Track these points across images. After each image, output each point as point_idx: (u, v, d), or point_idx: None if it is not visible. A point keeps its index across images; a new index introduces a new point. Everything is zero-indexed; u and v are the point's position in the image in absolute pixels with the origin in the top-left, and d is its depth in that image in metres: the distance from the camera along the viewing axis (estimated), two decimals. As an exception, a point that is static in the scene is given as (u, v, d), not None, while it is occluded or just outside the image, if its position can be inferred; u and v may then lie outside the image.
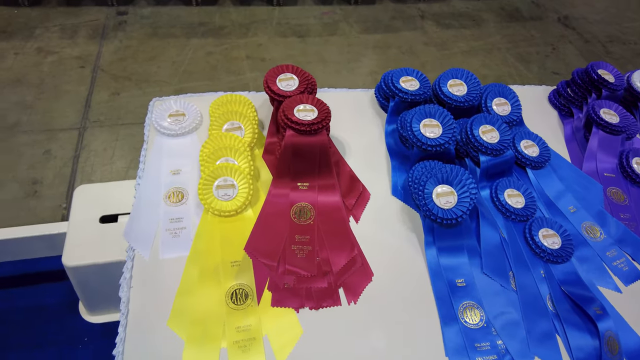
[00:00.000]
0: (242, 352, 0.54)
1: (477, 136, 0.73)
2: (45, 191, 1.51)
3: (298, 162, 0.69)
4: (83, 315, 1.25)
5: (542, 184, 0.77)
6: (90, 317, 1.25)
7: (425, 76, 0.82)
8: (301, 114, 0.68)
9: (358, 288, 0.61)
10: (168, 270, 0.60)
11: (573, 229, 0.72)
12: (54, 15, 2.20)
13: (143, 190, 0.68)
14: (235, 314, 0.57)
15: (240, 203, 0.66)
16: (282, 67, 0.77)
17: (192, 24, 2.25)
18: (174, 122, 0.77)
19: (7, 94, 1.80)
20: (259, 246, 0.63)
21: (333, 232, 0.66)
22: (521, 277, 0.65)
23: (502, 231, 0.70)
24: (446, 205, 0.65)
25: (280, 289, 0.60)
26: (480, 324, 0.60)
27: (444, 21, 2.53)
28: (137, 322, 0.56)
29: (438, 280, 0.62)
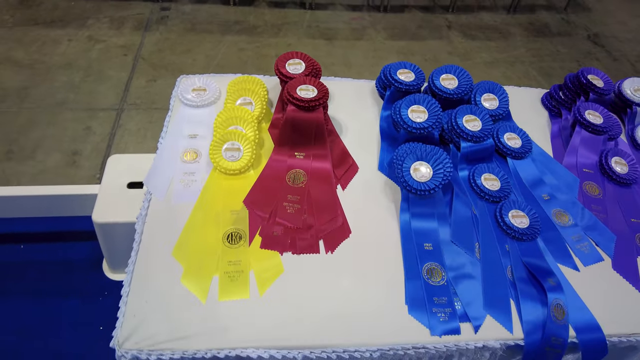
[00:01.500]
0: (231, 281, 0.64)
1: (460, 124, 0.82)
2: (83, 162, 1.67)
3: (296, 134, 0.79)
4: (105, 272, 1.39)
5: (520, 172, 0.84)
6: (111, 275, 1.39)
7: (421, 70, 0.91)
8: (302, 92, 0.79)
9: (336, 241, 0.70)
10: (177, 213, 0.71)
11: (543, 214, 0.79)
12: (105, 7, 2.40)
13: (164, 147, 0.80)
14: (229, 251, 0.67)
15: (243, 164, 0.77)
16: (292, 54, 0.88)
17: (228, 22, 2.41)
18: (196, 95, 0.89)
19: (58, 75, 1.99)
20: (256, 200, 0.73)
21: (321, 195, 0.75)
22: (486, 248, 0.72)
23: (474, 209, 0.77)
24: (421, 179, 0.73)
25: (269, 235, 0.70)
26: (441, 282, 0.67)
27: (470, 32, 2.59)
28: (146, 250, 0.67)
29: (407, 241, 0.71)
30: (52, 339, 1.24)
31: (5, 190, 1.26)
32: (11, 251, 1.41)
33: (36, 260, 1.40)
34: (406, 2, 2.77)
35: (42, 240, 1.45)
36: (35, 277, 1.36)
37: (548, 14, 2.87)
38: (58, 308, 1.30)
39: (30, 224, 1.47)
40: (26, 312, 1.28)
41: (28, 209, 1.30)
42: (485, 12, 2.78)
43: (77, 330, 1.27)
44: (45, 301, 1.31)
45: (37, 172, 1.62)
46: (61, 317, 1.29)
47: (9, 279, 1.35)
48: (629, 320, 0.68)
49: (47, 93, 1.91)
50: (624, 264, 0.74)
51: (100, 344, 1.24)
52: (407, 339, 0.62)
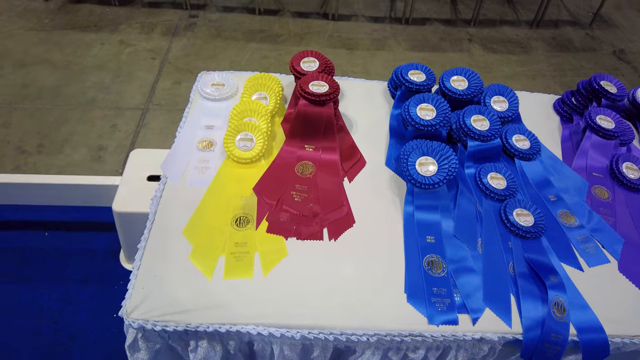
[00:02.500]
0: (236, 261, 0.67)
1: (468, 123, 0.83)
2: (107, 157, 1.75)
3: (307, 127, 0.82)
4: (122, 262, 1.44)
5: (528, 173, 0.84)
6: (127, 265, 1.43)
7: (431, 71, 0.93)
8: (314, 87, 0.82)
9: (340, 230, 0.72)
10: (190, 197, 0.75)
11: (549, 214, 0.79)
12: (137, 14, 2.52)
13: (182, 136, 0.84)
14: (236, 233, 0.70)
15: (255, 154, 0.80)
16: (307, 52, 0.92)
17: (253, 30, 2.49)
18: (215, 89, 0.93)
19: (90, 75, 2.10)
20: (265, 188, 0.76)
21: (327, 185, 0.78)
22: (489, 243, 0.73)
23: (478, 206, 0.78)
24: (427, 173, 0.75)
25: (275, 221, 0.72)
26: (441, 274, 0.68)
27: (491, 45, 2.60)
28: (159, 229, 0.70)
29: (410, 232, 0.72)
30: (69, 323, 1.29)
31: (33, 178, 1.33)
32: (36, 237, 1.48)
33: (58, 248, 1.46)
34: (428, 14, 2.80)
35: (65, 228, 1.52)
36: (56, 264, 1.42)
37: (572, 29, 2.85)
38: (76, 294, 1.36)
39: (55, 212, 1.54)
40: (45, 297, 1.34)
41: (53, 197, 1.37)
42: (507, 26, 2.78)
43: (93, 317, 1.32)
44: (64, 287, 1.36)
45: (65, 165, 1.70)
46: (78, 303, 1.34)
47: (32, 265, 1.41)
48: (633, 322, 0.67)
49: (79, 92, 2.01)
50: (630, 267, 0.73)
51: (114, 331, 1.29)
52: (404, 327, 0.63)
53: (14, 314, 1.30)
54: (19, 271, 1.39)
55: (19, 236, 1.49)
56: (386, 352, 0.65)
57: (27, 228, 1.51)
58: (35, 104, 1.93)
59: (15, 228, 1.51)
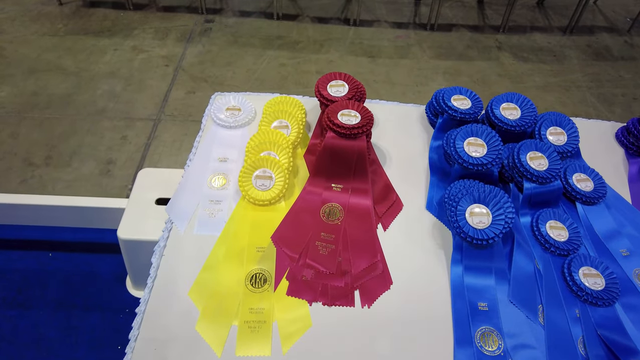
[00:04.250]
0: (251, 332, 0.56)
1: (524, 161, 0.71)
2: (116, 171, 1.66)
3: (335, 163, 0.71)
4: (129, 288, 1.35)
5: (592, 221, 0.72)
6: (134, 292, 1.34)
7: (478, 97, 0.81)
8: (344, 118, 0.71)
9: (374, 293, 0.61)
10: (198, 246, 0.64)
11: (622, 274, 0.67)
12: (151, 19, 2.44)
13: (191, 171, 0.74)
14: (252, 296, 0.59)
15: (274, 194, 0.69)
16: (335, 75, 0.80)
17: (271, 36, 2.39)
18: (230, 115, 0.83)
19: (101, 83, 2.02)
20: (285, 237, 0.65)
21: (359, 235, 0.66)
22: (552, 312, 0.60)
23: (537, 263, 0.66)
24: (479, 225, 0.63)
25: (297, 280, 0.61)
26: (497, 352, 0.57)
27: (522, 54, 2.45)
28: (162, 287, 0.60)
29: (459, 299, 0.60)
30: (69, 356, 1.21)
31: (36, 199, 1.25)
32: (39, 258, 1.40)
33: (62, 270, 1.38)
34: (454, 20, 2.66)
35: (70, 249, 1.43)
36: (59, 288, 1.34)
37: (609, 36, 2.68)
38: (78, 323, 1.27)
39: (60, 232, 1.46)
40: (46, 325, 1.26)
41: (57, 218, 1.29)
42: (538, 33, 2.63)
43: (95, 348, 1.23)
44: (66, 315, 1.28)
45: (72, 179, 1.62)
46: (80, 332, 1.25)
47: (33, 289, 1.33)
48: None
49: (89, 101, 1.93)
50: None
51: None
52: (454, 423, 0.51)
53: (12, 342, 1.22)
54: (20, 296, 1.32)
55: (22, 256, 1.42)
56: None
57: (31, 248, 1.44)
58: (44, 114, 1.86)
59: (19, 247, 1.43)
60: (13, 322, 1.26)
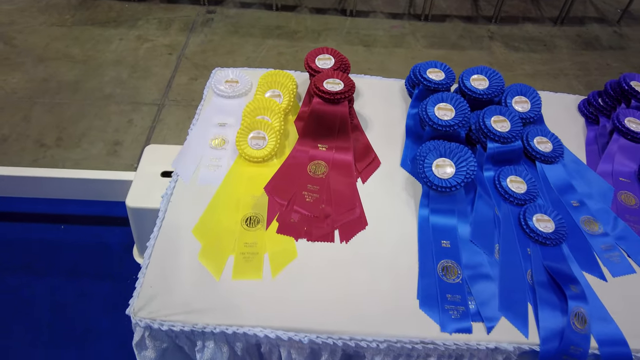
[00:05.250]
0: (245, 261, 0.66)
1: (488, 124, 0.80)
2: (123, 152, 1.76)
3: (320, 126, 0.80)
4: (135, 257, 1.45)
5: (549, 177, 0.81)
6: (140, 260, 1.44)
7: (451, 70, 0.90)
8: (329, 85, 0.80)
9: (352, 232, 0.70)
10: (200, 195, 0.74)
11: (571, 221, 0.76)
12: (155, 10, 2.53)
13: (194, 133, 0.83)
14: (246, 233, 0.69)
15: (267, 152, 0.79)
16: (323, 49, 0.90)
17: (270, 26, 2.48)
18: (229, 87, 0.92)
19: (108, 70, 2.12)
20: (276, 187, 0.75)
21: (340, 186, 0.76)
22: (506, 249, 0.70)
23: (497, 210, 0.75)
24: (443, 175, 0.72)
25: (286, 221, 0.71)
26: (456, 280, 0.66)
27: (513, 44, 2.53)
28: (168, 227, 0.70)
29: (424, 237, 0.70)
30: (83, 318, 1.31)
31: (49, 172, 1.34)
32: (52, 230, 1.50)
33: (74, 241, 1.48)
34: (448, 11, 2.74)
35: (80, 222, 1.53)
36: (72, 258, 1.44)
37: (599, 26, 2.75)
38: (90, 288, 1.37)
39: (71, 206, 1.56)
40: (61, 292, 1.36)
41: (68, 191, 1.38)
42: (530, 24, 2.70)
43: (106, 310, 1.33)
44: (79, 282, 1.38)
45: (81, 159, 1.72)
46: (92, 297, 1.35)
47: (48, 258, 1.43)
48: (659, 336, 0.64)
49: (97, 87, 2.03)
50: (658, 278, 0.69)
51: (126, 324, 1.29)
52: (415, 334, 0.61)
53: (30, 307, 1.32)
54: (36, 264, 1.41)
55: (36, 228, 1.52)
56: (396, 358, 0.63)
57: (45, 221, 1.54)
58: (55, 99, 1.96)
59: (33, 220, 1.53)
60: (31, 288, 1.36)
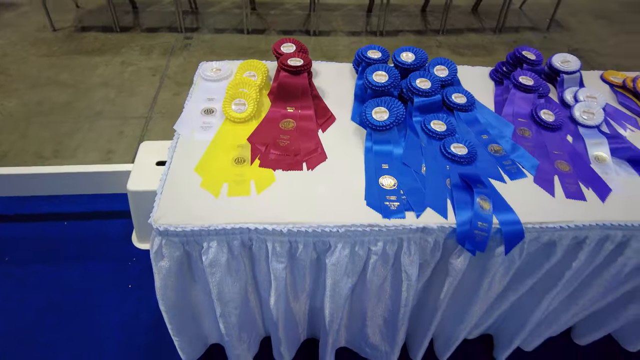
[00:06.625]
0: (237, 185, 0.87)
1: (414, 84, 1.05)
2: (116, 159, 1.95)
3: (287, 92, 1.04)
4: (134, 242, 1.63)
5: (465, 120, 1.06)
6: (139, 245, 1.62)
7: (386, 50, 1.17)
8: (292, 62, 1.05)
9: (315, 163, 0.93)
10: (197, 147, 0.96)
11: (481, 148, 1.01)
12: (136, 38, 2.79)
13: (189, 105, 1.06)
14: (236, 167, 0.91)
15: (247, 114, 1.02)
16: (286, 39, 1.15)
17: (242, 47, 2.76)
18: (214, 73, 1.16)
19: (96, 92, 2.33)
20: (257, 138, 0.97)
21: (305, 134, 0.99)
22: (430, 165, 0.94)
23: (423, 143, 0.99)
24: (380, 118, 0.97)
25: (266, 159, 0.93)
26: (393, 187, 0.89)
27: (459, 50, 2.88)
28: (175, 169, 0.91)
29: (369, 161, 0.93)
30: (90, 295, 1.47)
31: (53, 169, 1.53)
32: (55, 227, 1.67)
33: (76, 234, 1.65)
34: (400, 27, 3.10)
35: (81, 218, 1.71)
36: (75, 248, 1.60)
37: (532, 33, 3.15)
38: (94, 271, 1.53)
39: (71, 204, 1.73)
40: (66, 274, 1.51)
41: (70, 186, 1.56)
42: (473, 33, 3.08)
43: (111, 288, 1.49)
44: (84, 265, 1.54)
45: (79, 166, 1.90)
46: (97, 278, 1.51)
47: (53, 250, 1.59)
48: (541, 215, 0.87)
49: (88, 106, 2.23)
50: (542, 180, 0.94)
51: (130, 299, 1.46)
52: (366, 221, 0.83)
53: (39, 289, 1.47)
54: (42, 256, 1.57)
55: (41, 227, 1.68)
56: (353, 246, 0.85)
57: (47, 220, 1.70)
58: (49, 118, 2.15)
59: (37, 220, 1.70)
60: (38, 275, 1.51)
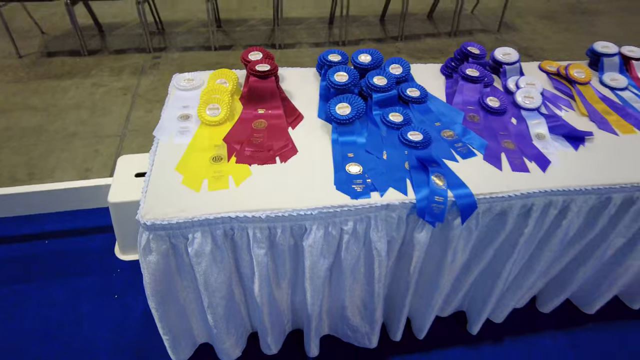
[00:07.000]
0: (215, 180, 0.95)
1: (372, 81, 1.17)
2: (93, 176, 1.99)
3: (257, 96, 1.13)
4: (117, 254, 1.66)
5: (419, 111, 1.18)
6: (122, 256, 1.66)
7: (345, 54, 1.28)
8: (260, 67, 1.14)
9: (287, 156, 1.02)
10: (176, 150, 1.03)
11: (436, 134, 1.12)
12: (105, 61, 2.83)
13: (166, 113, 1.14)
14: (214, 165, 0.99)
15: (220, 117, 1.10)
16: (254, 48, 1.25)
17: (211, 63, 2.84)
18: (187, 82, 1.24)
19: (69, 114, 2.36)
20: (232, 138, 1.06)
21: (277, 132, 1.08)
22: (390, 152, 1.04)
23: (384, 133, 1.10)
24: (343, 113, 1.07)
25: (241, 155, 1.02)
26: (358, 172, 0.99)
27: (417, 54, 3.05)
28: (158, 170, 0.98)
29: (336, 150, 1.03)
30: (76, 309, 1.49)
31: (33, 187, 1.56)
32: (37, 246, 1.68)
33: (58, 251, 1.67)
34: (361, 36, 3.25)
35: (62, 236, 1.73)
36: (59, 265, 1.62)
37: (484, 35, 3.37)
38: (79, 286, 1.56)
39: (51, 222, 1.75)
40: (52, 290, 1.53)
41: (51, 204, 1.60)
42: (430, 38, 3.26)
43: (96, 300, 1.52)
44: (68, 280, 1.57)
45: (57, 186, 1.92)
46: (82, 292, 1.54)
47: (36, 268, 1.61)
48: (491, 187, 0.99)
49: (60, 128, 2.26)
50: (491, 157, 1.06)
51: (116, 309, 1.49)
52: (336, 203, 0.92)
53: (24, 308, 1.49)
54: (25, 275, 1.59)
55: (22, 247, 1.69)
56: (327, 227, 0.93)
57: (28, 240, 1.72)
58: (21, 142, 2.17)
59: (18, 241, 1.71)
60: (24, 294, 1.53)
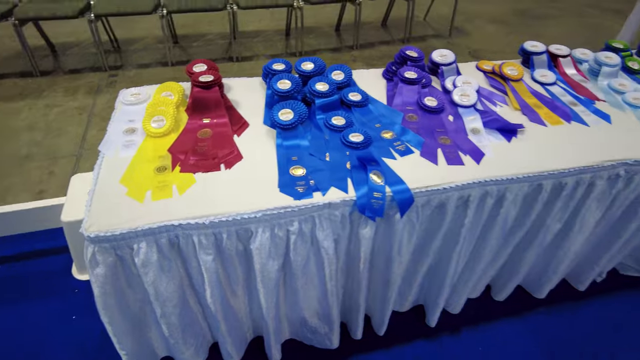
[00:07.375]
0: (159, 190, 0.97)
1: (314, 87, 1.21)
2: (48, 197, 1.95)
3: (202, 106, 1.16)
4: (74, 274, 1.64)
5: (361, 114, 1.23)
6: (79, 276, 1.63)
7: (289, 62, 1.32)
8: (203, 78, 1.17)
9: (232, 163, 1.05)
10: (121, 163, 1.04)
11: (376, 135, 1.17)
12: (59, 81, 2.79)
13: (111, 128, 1.15)
14: (158, 175, 1.00)
15: (165, 129, 1.12)
16: (198, 60, 1.27)
17: (168, 78, 2.81)
18: (133, 97, 1.25)
19: (22, 136, 2.31)
20: (177, 148, 1.08)
21: (222, 140, 1.11)
22: (333, 153, 1.09)
23: (327, 136, 1.15)
24: (286, 118, 1.11)
25: (186, 164, 1.04)
26: (302, 174, 1.03)
27: (372, 62, 3.14)
28: (102, 183, 0.99)
29: (281, 155, 1.07)
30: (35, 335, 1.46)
31: (-15, 212, 1.52)
32: (-9, 272, 1.64)
33: (14, 276, 1.63)
34: (317, 47, 3.33)
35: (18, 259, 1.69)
36: (15, 287, 1.58)
37: (436, 40, 3.50)
38: (37, 309, 1.52)
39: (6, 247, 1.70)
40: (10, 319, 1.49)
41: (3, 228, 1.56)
42: (384, 45, 3.37)
43: (56, 324, 1.49)
44: (26, 304, 1.53)
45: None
46: (40, 316, 1.51)
47: (-8, 294, 1.56)
48: (427, 181, 1.04)
49: (13, 152, 2.21)
50: (428, 153, 1.12)
51: (76, 330, 1.47)
52: (280, 205, 0.95)
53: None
54: (-19, 300, 1.54)
55: (-25, 274, 1.64)
56: (272, 229, 0.96)
57: (-18, 266, 1.67)
58: (-28, 167, 2.10)
59: (-30, 268, 1.66)
60: (-24, 322, 1.48)
